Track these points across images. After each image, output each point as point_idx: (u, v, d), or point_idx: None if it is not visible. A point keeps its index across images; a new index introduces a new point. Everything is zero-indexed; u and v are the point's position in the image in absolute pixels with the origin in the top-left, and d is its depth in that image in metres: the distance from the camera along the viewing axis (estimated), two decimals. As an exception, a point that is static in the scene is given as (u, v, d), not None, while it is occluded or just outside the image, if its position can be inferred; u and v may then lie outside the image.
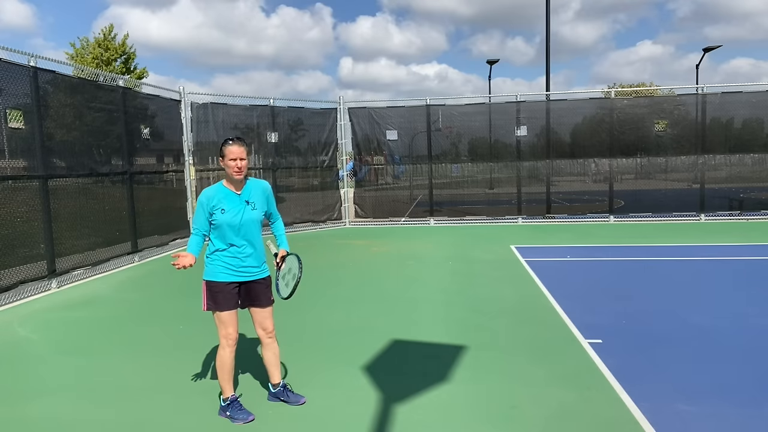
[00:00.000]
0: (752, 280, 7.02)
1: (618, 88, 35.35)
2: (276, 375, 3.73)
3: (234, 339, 3.53)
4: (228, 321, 3.49)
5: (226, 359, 3.51)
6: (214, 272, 3.49)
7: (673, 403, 3.59)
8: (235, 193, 3.49)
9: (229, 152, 3.40)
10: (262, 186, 3.64)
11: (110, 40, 26.33)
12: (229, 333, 3.50)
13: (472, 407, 3.63)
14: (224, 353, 3.51)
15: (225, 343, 3.51)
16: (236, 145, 3.41)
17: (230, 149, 3.40)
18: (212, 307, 3.49)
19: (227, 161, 3.42)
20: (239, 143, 3.44)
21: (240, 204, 3.48)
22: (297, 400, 3.71)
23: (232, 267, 3.48)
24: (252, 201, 3.52)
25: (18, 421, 3.62)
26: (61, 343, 5.30)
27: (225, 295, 3.47)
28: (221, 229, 3.43)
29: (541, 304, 6.09)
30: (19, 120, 7.15)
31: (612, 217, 13.44)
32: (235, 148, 3.40)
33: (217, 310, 3.48)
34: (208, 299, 3.50)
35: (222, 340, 3.51)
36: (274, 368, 3.72)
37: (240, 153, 3.40)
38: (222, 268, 3.47)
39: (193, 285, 7.96)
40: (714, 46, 26.66)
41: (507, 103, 13.81)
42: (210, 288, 3.49)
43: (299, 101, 14.20)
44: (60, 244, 7.76)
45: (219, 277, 3.47)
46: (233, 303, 3.51)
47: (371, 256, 9.54)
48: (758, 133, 13.22)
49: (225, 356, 3.51)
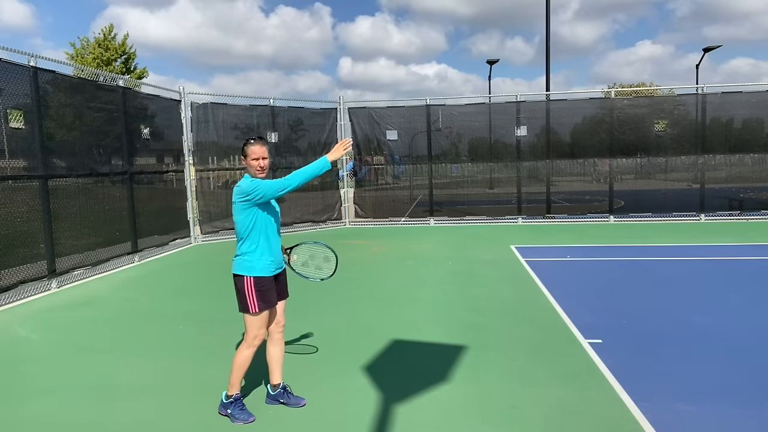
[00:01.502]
0: (752, 280, 7.02)
1: (618, 88, 35.34)
2: (278, 375, 3.70)
3: (264, 337, 3.54)
4: (267, 319, 3.50)
5: (250, 358, 3.49)
6: (256, 267, 3.43)
7: (673, 403, 3.59)
8: None
9: (252, 152, 3.44)
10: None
11: (110, 40, 26.33)
12: (263, 333, 3.50)
13: (472, 407, 3.63)
14: (249, 353, 3.47)
15: (255, 342, 3.47)
16: (258, 145, 3.45)
17: (252, 149, 3.44)
18: (264, 306, 3.43)
19: (250, 161, 3.44)
20: (261, 143, 3.48)
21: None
22: (297, 403, 3.68)
23: (271, 261, 3.48)
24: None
25: (18, 421, 3.62)
26: (61, 343, 5.30)
27: (272, 290, 3.48)
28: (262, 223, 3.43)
29: (541, 304, 6.09)
30: (19, 120, 7.15)
31: (612, 217, 13.44)
32: (257, 148, 3.44)
33: (267, 308, 3.46)
34: (258, 298, 3.41)
35: (252, 340, 3.46)
36: (278, 367, 3.69)
37: (262, 152, 3.45)
38: (266, 262, 3.45)
39: (194, 285, 8.01)
40: (714, 46, 26.68)
41: (507, 103, 13.81)
42: (259, 285, 3.42)
43: (299, 101, 14.21)
44: (60, 244, 7.76)
45: (263, 272, 3.44)
46: (276, 297, 3.53)
47: (371, 256, 9.54)
48: (758, 133, 13.22)
49: (249, 355, 3.48)
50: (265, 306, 3.44)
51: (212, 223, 12.07)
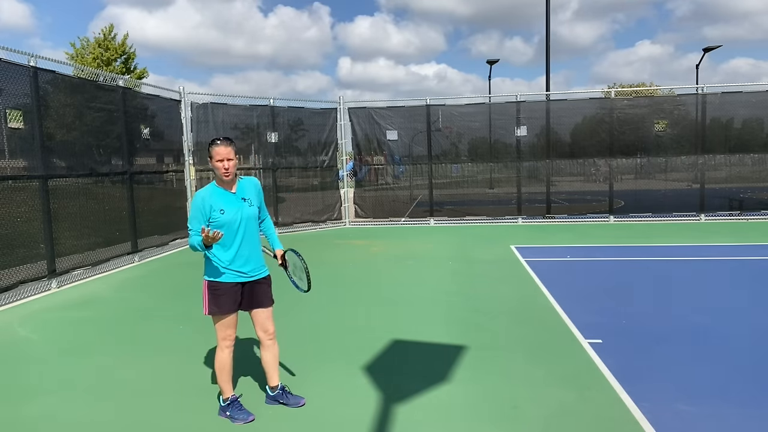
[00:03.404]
0: (752, 280, 7.02)
1: (618, 88, 35.34)
2: (275, 377, 3.68)
3: (233, 340, 3.50)
4: (229, 323, 3.44)
5: (226, 361, 3.47)
6: (216, 272, 3.41)
7: (673, 403, 3.59)
8: (231, 192, 3.44)
9: (216, 153, 3.32)
10: (254, 182, 3.61)
11: (110, 40, 26.34)
12: (228, 335, 3.46)
13: (472, 407, 3.63)
14: (223, 355, 3.47)
15: (224, 344, 3.46)
16: (222, 146, 3.33)
17: (217, 150, 3.32)
18: (214, 310, 3.40)
19: (215, 162, 3.35)
20: (225, 143, 3.35)
21: (237, 202, 3.43)
22: (297, 402, 3.67)
23: (234, 267, 3.41)
24: (248, 198, 3.48)
25: (18, 421, 3.61)
26: (60, 343, 5.30)
27: (228, 297, 3.40)
28: (222, 230, 3.33)
29: (541, 304, 6.09)
30: (19, 120, 7.15)
31: (612, 217, 13.43)
32: (222, 149, 3.32)
33: (219, 313, 3.40)
34: (210, 302, 3.41)
35: (221, 342, 3.46)
36: (273, 370, 3.67)
37: (227, 153, 3.32)
38: (224, 268, 3.40)
39: (194, 285, 7.97)
40: (714, 46, 26.67)
41: (507, 103, 13.81)
42: (213, 289, 3.41)
43: (299, 101, 14.21)
44: (60, 244, 7.75)
45: (222, 278, 3.40)
46: (236, 305, 3.45)
47: (371, 256, 9.54)
48: (758, 133, 13.22)
49: (224, 358, 3.47)
50: (218, 311, 3.39)
51: (212, 223, 12.05)
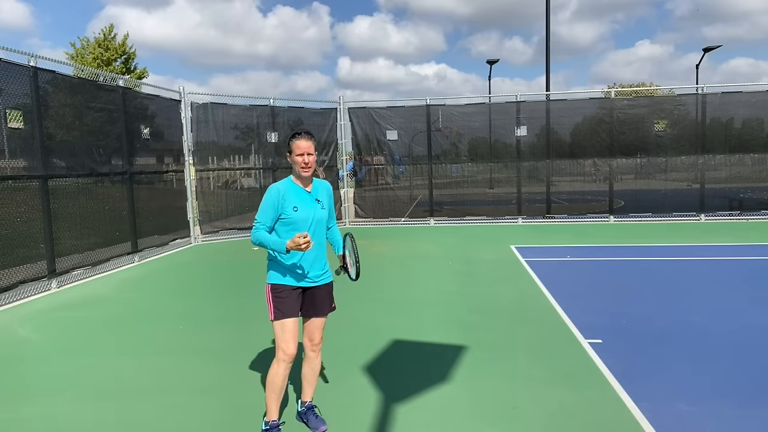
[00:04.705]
0: (752, 280, 7.02)
1: (618, 88, 35.34)
2: (309, 393, 3.46)
3: (293, 353, 3.17)
4: (291, 329, 3.17)
5: (280, 376, 3.15)
6: (279, 274, 3.21)
7: (673, 403, 3.59)
8: (306, 191, 3.25)
9: (297, 147, 3.15)
10: (327, 186, 3.41)
11: (110, 40, 26.33)
12: (289, 345, 3.15)
13: (472, 407, 3.63)
14: (279, 369, 3.15)
15: (283, 356, 3.15)
16: (304, 139, 3.16)
17: (297, 144, 3.16)
18: (279, 314, 3.15)
19: (294, 156, 3.16)
20: (307, 137, 3.19)
21: (312, 202, 3.24)
22: (317, 426, 3.37)
23: (299, 270, 3.21)
24: (321, 200, 3.30)
25: (18, 421, 3.61)
26: (60, 343, 5.30)
27: (292, 300, 3.19)
28: (292, 228, 3.16)
29: (541, 304, 6.09)
30: (19, 120, 7.15)
31: (612, 217, 13.44)
32: (303, 143, 3.15)
33: (284, 317, 3.15)
34: (275, 305, 3.17)
35: (279, 353, 3.15)
36: (309, 386, 3.45)
37: (308, 147, 3.15)
38: (288, 270, 3.20)
39: (194, 285, 8.01)
40: (714, 46, 26.67)
41: (507, 103, 13.81)
42: (276, 292, 3.19)
43: (299, 101, 14.23)
44: (60, 244, 7.76)
45: (285, 280, 3.20)
46: (298, 309, 3.24)
47: (371, 256, 9.53)
48: (758, 133, 13.23)
49: (280, 372, 3.15)
50: (282, 315, 3.15)
51: (212, 223, 12.08)
